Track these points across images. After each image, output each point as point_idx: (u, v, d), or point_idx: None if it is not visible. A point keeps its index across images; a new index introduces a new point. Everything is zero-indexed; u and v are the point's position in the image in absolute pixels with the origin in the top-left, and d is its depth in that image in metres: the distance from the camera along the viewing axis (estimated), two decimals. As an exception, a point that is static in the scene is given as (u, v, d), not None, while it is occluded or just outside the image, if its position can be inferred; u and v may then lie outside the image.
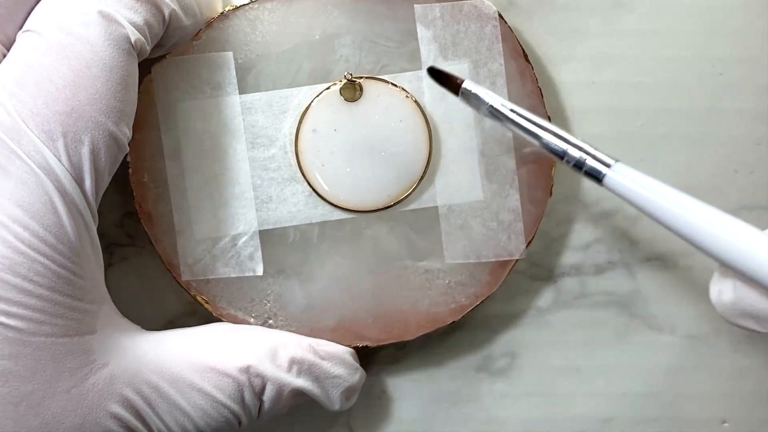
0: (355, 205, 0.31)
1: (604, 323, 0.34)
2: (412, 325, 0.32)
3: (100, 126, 0.25)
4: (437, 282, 0.31)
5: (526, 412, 0.34)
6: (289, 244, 0.31)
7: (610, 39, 0.33)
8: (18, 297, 0.24)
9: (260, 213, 0.31)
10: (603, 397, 0.34)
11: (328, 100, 0.31)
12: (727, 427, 0.34)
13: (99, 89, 0.25)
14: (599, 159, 0.26)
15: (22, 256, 0.24)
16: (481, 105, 0.28)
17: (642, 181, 0.25)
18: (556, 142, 0.27)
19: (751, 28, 0.33)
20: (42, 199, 0.24)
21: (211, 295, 0.31)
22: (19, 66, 0.25)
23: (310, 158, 0.31)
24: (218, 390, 0.27)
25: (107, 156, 0.26)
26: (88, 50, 0.25)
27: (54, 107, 0.25)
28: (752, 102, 0.33)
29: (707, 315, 0.34)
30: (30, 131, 0.24)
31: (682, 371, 0.34)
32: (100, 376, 0.26)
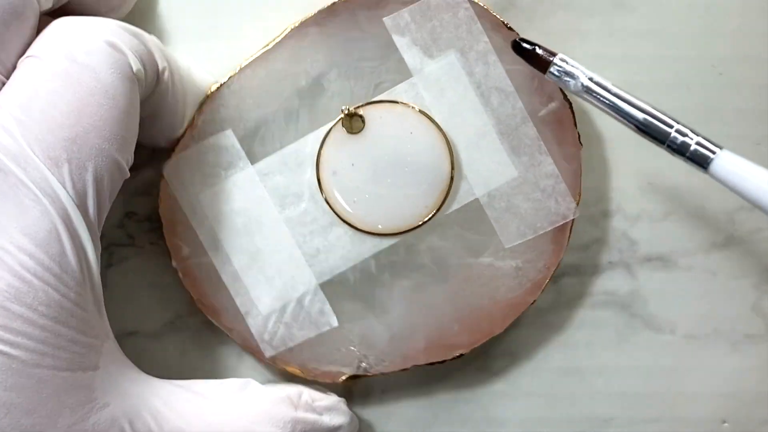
0: (399, 226, 0.31)
1: (604, 323, 0.34)
2: (497, 318, 0.31)
3: (104, 153, 0.25)
4: (505, 268, 0.31)
5: (526, 412, 0.34)
6: (353, 285, 0.31)
7: (610, 39, 0.33)
8: (22, 327, 0.24)
9: (314, 267, 0.31)
10: (603, 397, 0.34)
11: (335, 139, 0.31)
12: (727, 427, 0.34)
13: (103, 116, 0.25)
14: (704, 145, 0.25)
15: (27, 285, 0.24)
16: (575, 81, 0.27)
17: (749, 169, 0.24)
18: (659, 125, 0.26)
19: (751, 28, 0.33)
20: (47, 227, 0.24)
21: (300, 362, 0.32)
22: (23, 92, 0.25)
23: (340, 199, 0.31)
24: None
25: (110, 182, 0.26)
26: (92, 78, 0.25)
27: (59, 134, 0.24)
28: (752, 102, 0.33)
29: (707, 315, 0.34)
30: (36, 158, 0.24)
31: (682, 371, 0.34)
32: (101, 417, 0.26)
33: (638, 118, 0.26)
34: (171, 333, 0.33)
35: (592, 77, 0.27)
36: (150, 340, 0.33)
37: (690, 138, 0.25)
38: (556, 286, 0.34)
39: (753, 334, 0.34)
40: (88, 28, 0.26)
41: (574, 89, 0.27)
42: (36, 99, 0.25)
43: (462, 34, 0.30)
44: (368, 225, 0.31)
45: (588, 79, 0.27)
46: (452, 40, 0.31)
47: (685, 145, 0.25)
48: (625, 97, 0.26)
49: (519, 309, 0.31)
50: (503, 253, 0.31)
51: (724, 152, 0.25)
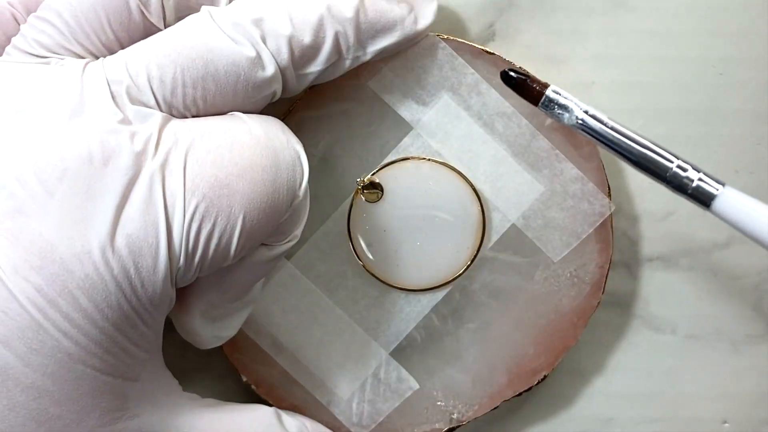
0: (448, 274, 0.31)
1: (604, 323, 0.34)
2: (568, 329, 0.32)
3: (234, 220, 0.24)
4: (561, 280, 0.31)
5: (526, 411, 0.34)
6: (421, 343, 0.32)
7: (610, 39, 0.33)
8: (82, 322, 0.23)
9: (380, 339, 0.31)
10: (603, 397, 0.34)
11: (359, 212, 0.31)
12: (727, 428, 0.34)
13: (258, 194, 0.25)
14: (707, 182, 0.24)
15: (104, 284, 0.23)
16: (569, 114, 0.26)
17: (752, 206, 0.24)
18: (659, 160, 0.25)
19: (751, 28, 0.33)
20: (149, 240, 0.24)
21: (395, 430, 0.32)
22: (214, 124, 0.25)
23: (384, 267, 0.31)
24: None
25: (215, 251, 0.25)
26: (274, 165, 0.25)
27: (214, 170, 0.24)
28: (752, 102, 0.33)
29: (707, 315, 0.34)
30: (183, 174, 0.24)
31: (682, 371, 0.34)
32: (128, 426, 0.26)
33: (636, 154, 0.25)
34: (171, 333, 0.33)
35: (587, 110, 0.26)
36: (150, 339, 0.33)
37: (691, 175, 0.24)
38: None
39: (754, 335, 0.34)
40: (291, 135, 0.26)
41: (568, 122, 0.26)
42: (218, 134, 0.25)
43: (447, 72, 0.31)
44: (418, 283, 0.31)
45: (583, 113, 0.26)
46: (440, 81, 0.31)
47: (686, 182, 0.24)
48: (623, 131, 0.25)
49: (586, 314, 0.32)
50: (555, 267, 0.31)
51: (727, 189, 0.24)
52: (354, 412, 0.32)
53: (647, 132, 0.33)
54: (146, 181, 0.24)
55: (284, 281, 0.31)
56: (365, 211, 0.31)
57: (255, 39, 0.25)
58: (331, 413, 0.32)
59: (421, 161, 0.31)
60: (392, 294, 0.31)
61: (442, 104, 0.31)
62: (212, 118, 0.26)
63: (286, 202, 0.25)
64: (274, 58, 0.26)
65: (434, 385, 0.32)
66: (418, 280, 0.31)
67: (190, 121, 0.25)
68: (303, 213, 0.27)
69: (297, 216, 0.27)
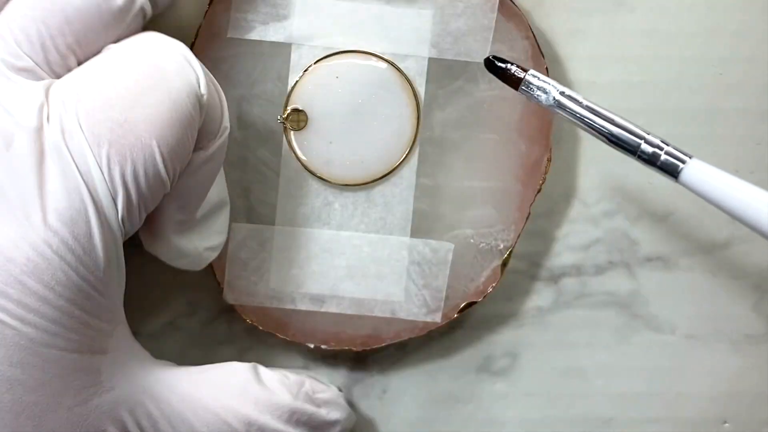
0: (407, 142, 0.31)
1: (605, 323, 0.34)
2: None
3: (148, 150, 0.24)
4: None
5: (526, 412, 0.34)
6: (429, 208, 0.32)
7: (610, 39, 0.33)
8: (36, 304, 0.23)
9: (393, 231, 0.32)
10: (603, 397, 0.34)
11: (302, 143, 0.31)
12: (727, 428, 0.34)
13: (159, 112, 0.25)
14: (674, 155, 0.26)
15: (47, 262, 0.23)
16: (547, 95, 0.27)
17: (719, 177, 0.25)
18: (629, 137, 0.26)
19: (751, 28, 0.33)
20: (77, 206, 0.24)
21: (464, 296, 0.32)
22: (89, 69, 0.25)
23: (346, 172, 0.31)
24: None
25: (147, 184, 0.25)
26: (158, 73, 0.25)
27: (109, 113, 0.24)
28: (752, 102, 0.33)
29: (707, 315, 0.34)
30: (81, 130, 0.24)
31: (682, 371, 0.34)
32: (105, 400, 0.26)
33: (609, 130, 0.26)
34: (171, 333, 0.33)
35: (563, 91, 0.27)
36: (150, 340, 0.33)
37: (660, 148, 0.26)
38: (557, 286, 0.34)
39: (753, 335, 0.34)
40: (171, 40, 0.26)
41: (546, 103, 0.27)
42: (98, 77, 0.25)
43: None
44: (381, 168, 0.31)
45: (559, 93, 0.27)
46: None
47: (655, 156, 0.26)
48: (597, 110, 0.27)
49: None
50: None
51: (693, 161, 0.25)
52: (417, 304, 0.32)
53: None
54: (53, 153, 0.24)
55: (286, 244, 0.31)
56: (305, 139, 0.31)
57: None
58: (400, 320, 0.32)
59: (317, 64, 0.31)
60: (374, 191, 0.31)
61: (298, 7, 0.31)
62: (87, 64, 0.26)
63: (192, 106, 0.25)
64: None
65: (465, 233, 0.32)
66: (381, 166, 0.31)
67: (69, 77, 0.25)
68: (220, 105, 0.27)
69: (215, 111, 0.27)
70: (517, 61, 0.30)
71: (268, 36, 0.31)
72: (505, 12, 0.31)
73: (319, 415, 0.29)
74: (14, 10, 0.26)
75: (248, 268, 0.32)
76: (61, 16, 0.25)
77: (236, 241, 0.32)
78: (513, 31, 0.31)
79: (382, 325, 0.32)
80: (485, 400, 0.34)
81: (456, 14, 0.31)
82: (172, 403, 0.27)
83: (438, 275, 0.32)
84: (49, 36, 0.25)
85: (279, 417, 0.28)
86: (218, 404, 0.28)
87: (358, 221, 0.32)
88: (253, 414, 0.28)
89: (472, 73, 0.31)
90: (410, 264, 0.32)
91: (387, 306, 0.32)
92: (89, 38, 0.26)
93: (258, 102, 0.31)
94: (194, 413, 0.27)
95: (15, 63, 0.25)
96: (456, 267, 0.32)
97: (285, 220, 0.32)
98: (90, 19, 0.26)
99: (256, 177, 0.31)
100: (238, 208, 0.31)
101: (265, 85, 0.31)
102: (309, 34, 0.31)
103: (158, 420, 0.27)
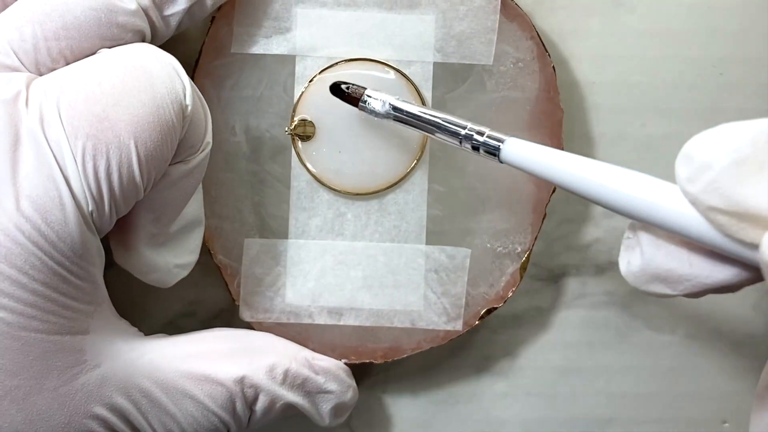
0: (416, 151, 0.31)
1: (605, 323, 0.34)
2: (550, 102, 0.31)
3: (126, 151, 0.24)
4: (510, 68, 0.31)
5: (526, 412, 0.34)
6: (444, 214, 0.32)
7: (610, 39, 0.33)
8: (11, 289, 0.24)
9: (408, 239, 0.32)
10: (603, 397, 0.34)
11: (310, 153, 0.31)
12: (727, 428, 0.34)
13: (140, 115, 0.25)
14: (494, 137, 0.27)
15: (20, 248, 0.24)
16: (383, 105, 0.29)
17: (537, 150, 0.26)
18: (454, 127, 0.28)
19: (751, 28, 0.33)
20: (51, 194, 0.24)
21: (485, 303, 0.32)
22: (77, 66, 0.25)
23: (357, 181, 0.31)
24: (210, 399, 0.27)
25: (120, 184, 0.25)
26: (146, 78, 0.25)
27: (91, 107, 0.24)
28: (752, 102, 0.33)
29: (707, 315, 0.34)
30: (60, 120, 0.24)
31: (682, 371, 0.34)
32: (91, 377, 0.26)
33: (437, 123, 0.28)
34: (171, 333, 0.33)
35: (392, 102, 0.29)
36: (150, 340, 0.33)
37: (480, 134, 0.27)
38: (557, 286, 0.34)
39: (753, 334, 0.34)
40: (162, 52, 0.26)
41: (381, 111, 0.29)
42: (84, 72, 0.25)
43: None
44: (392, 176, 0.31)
45: (389, 105, 0.29)
46: (285, 1, 0.31)
47: (476, 142, 0.27)
48: (424, 111, 0.29)
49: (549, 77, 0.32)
50: (496, 66, 0.31)
51: (510, 139, 0.26)
52: (437, 313, 0.32)
53: (647, 132, 0.33)
54: (29, 140, 0.24)
55: (300, 257, 0.31)
56: (314, 150, 0.31)
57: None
58: (420, 330, 0.32)
59: (322, 75, 0.31)
60: (387, 199, 0.31)
61: (300, 19, 0.31)
62: (76, 62, 0.26)
63: (175, 115, 0.25)
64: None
65: (481, 238, 0.32)
66: (392, 173, 0.31)
67: (55, 72, 0.25)
68: (204, 121, 0.27)
69: (198, 125, 0.27)
70: (522, 61, 0.30)
71: (272, 49, 0.31)
72: (507, 13, 0.31)
73: (315, 381, 0.29)
74: (14, 10, 0.26)
75: (263, 283, 0.31)
76: (60, 21, 0.25)
77: (250, 257, 0.31)
78: (517, 31, 0.31)
79: (402, 336, 0.32)
80: (485, 400, 0.34)
81: (458, 18, 0.31)
82: (164, 372, 0.27)
83: (456, 282, 0.32)
84: (44, 38, 0.25)
85: (273, 378, 0.28)
86: (211, 366, 0.28)
87: (372, 231, 0.32)
88: (246, 372, 0.28)
89: (478, 76, 0.31)
90: (427, 272, 0.32)
91: (406, 316, 0.32)
92: (83, 47, 0.26)
93: (265, 115, 0.31)
94: (187, 377, 0.27)
95: (2, 60, 0.25)
96: (474, 273, 0.32)
97: (298, 233, 0.31)
98: (88, 30, 0.26)
99: (266, 191, 0.31)
100: (249, 223, 0.31)
101: (271, 99, 0.31)
102: (312, 45, 0.31)
103: (151, 389, 0.27)
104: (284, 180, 0.31)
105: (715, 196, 0.21)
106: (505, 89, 0.31)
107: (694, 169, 0.22)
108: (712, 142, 0.22)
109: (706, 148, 0.22)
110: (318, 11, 0.31)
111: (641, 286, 0.24)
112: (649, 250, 0.24)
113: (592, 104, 0.33)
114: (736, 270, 0.22)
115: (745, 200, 0.21)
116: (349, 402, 0.30)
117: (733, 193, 0.21)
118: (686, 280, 0.23)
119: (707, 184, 0.21)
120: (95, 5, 0.26)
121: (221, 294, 0.33)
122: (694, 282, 0.23)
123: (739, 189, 0.21)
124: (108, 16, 0.26)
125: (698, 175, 0.22)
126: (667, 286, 0.24)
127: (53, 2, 0.25)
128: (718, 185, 0.21)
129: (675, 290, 0.24)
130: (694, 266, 0.23)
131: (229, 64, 0.31)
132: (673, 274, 0.23)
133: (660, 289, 0.24)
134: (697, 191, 0.22)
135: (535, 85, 0.31)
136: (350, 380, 0.30)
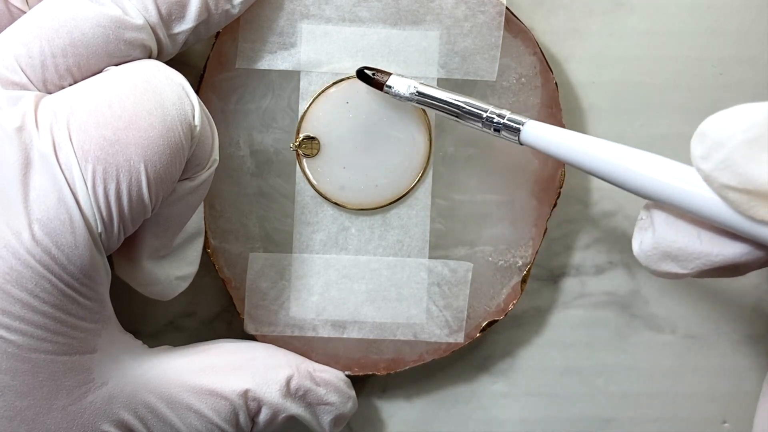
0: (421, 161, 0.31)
1: (604, 323, 0.34)
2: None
3: (135, 172, 0.24)
4: (514, 84, 0.31)
5: (526, 412, 0.34)
6: (445, 227, 0.32)
7: (610, 39, 0.33)
8: (22, 312, 0.24)
9: (411, 253, 0.32)
10: (603, 397, 0.34)
11: (315, 169, 0.31)
12: (727, 427, 0.34)
13: (151, 138, 0.24)
14: (514, 119, 0.27)
15: (31, 271, 0.24)
16: (408, 87, 0.29)
17: (555, 131, 0.26)
18: (475, 110, 0.28)
19: (751, 28, 0.33)
20: (62, 217, 0.24)
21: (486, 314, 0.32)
22: (87, 86, 0.25)
23: (362, 196, 0.31)
24: (214, 412, 0.28)
25: (129, 206, 0.25)
26: (155, 99, 0.25)
27: (101, 131, 0.24)
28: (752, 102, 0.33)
29: (707, 315, 0.34)
30: (70, 144, 0.24)
31: (682, 371, 0.34)
32: (99, 395, 0.26)
33: (458, 107, 0.29)
34: (171, 333, 0.33)
35: (415, 86, 0.29)
36: (150, 340, 0.33)
37: (501, 116, 0.28)
38: (557, 286, 0.34)
39: (753, 334, 0.34)
40: (170, 70, 0.26)
41: (407, 94, 0.29)
42: (94, 94, 0.25)
43: (291, 6, 0.31)
44: (395, 192, 0.31)
45: (414, 87, 0.29)
46: (290, 17, 0.31)
47: (497, 124, 0.28)
48: (448, 94, 0.29)
49: (551, 93, 0.31)
50: (499, 83, 0.31)
51: (529, 122, 0.27)
52: (439, 325, 0.32)
53: (647, 132, 0.33)
54: (39, 163, 0.24)
55: (304, 271, 0.31)
56: (318, 165, 0.31)
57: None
58: (422, 342, 0.32)
59: (327, 90, 0.31)
60: (390, 214, 0.31)
61: (305, 34, 0.31)
62: (85, 81, 0.26)
63: (184, 136, 0.25)
64: (141, 12, 0.26)
65: (483, 252, 0.32)
66: (395, 188, 0.31)
67: (63, 91, 0.25)
68: (211, 138, 0.27)
69: (206, 143, 0.27)
70: (525, 76, 0.31)
71: (277, 65, 0.31)
72: (511, 29, 0.31)
73: (316, 393, 0.29)
74: (22, 25, 0.25)
75: (267, 297, 0.32)
76: (68, 38, 0.25)
77: (254, 271, 0.31)
78: (520, 47, 0.31)
79: (405, 348, 0.32)
80: (485, 400, 0.34)
81: (462, 34, 0.31)
82: (168, 387, 0.27)
83: (458, 295, 0.32)
84: (51, 55, 0.25)
85: (276, 391, 0.28)
86: (215, 380, 0.28)
87: (375, 245, 0.32)
88: (250, 385, 0.28)
89: (481, 92, 0.31)
90: (430, 285, 0.32)
91: (409, 329, 0.32)
92: (90, 63, 0.26)
93: (269, 131, 0.31)
94: (191, 392, 0.27)
95: (9, 77, 0.25)
96: (476, 286, 0.32)
97: (302, 248, 0.32)
98: (95, 46, 0.25)
99: (270, 205, 0.31)
100: (254, 237, 0.31)
101: (276, 114, 0.31)
102: (317, 61, 0.31)
103: (156, 405, 0.27)
104: (288, 194, 0.31)
105: (728, 173, 0.22)
106: (507, 104, 0.31)
107: (707, 147, 0.22)
108: (726, 122, 0.22)
109: (720, 127, 0.22)
110: (323, 27, 0.31)
111: (652, 266, 0.25)
112: (661, 228, 0.24)
113: (592, 104, 0.33)
114: (746, 247, 0.23)
115: (757, 178, 0.22)
116: (348, 413, 0.31)
117: (745, 171, 0.22)
118: (696, 258, 0.24)
119: (720, 161, 0.22)
120: (103, 22, 0.25)
121: (221, 294, 0.33)
122: (704, 260, 0.24)
123: (752, 167, 0.22)
124: (116, 33, 0.26)
125: (712, 152, 0.22)
126: (678, 264, 0.24)
127: (61, 18, 0.25)
128: (730, 163, 0.22)
129: (685, 269, 0.24)
130: (704, 243, 0.24)
131: (235, 78, 0.31)
132: (683, 252, 0.24)
133: (671, 267, 0.24)
134: (711, 168, 0.22)
135: (537, 100, 0.31)
136: (350, 391, 0.31)
